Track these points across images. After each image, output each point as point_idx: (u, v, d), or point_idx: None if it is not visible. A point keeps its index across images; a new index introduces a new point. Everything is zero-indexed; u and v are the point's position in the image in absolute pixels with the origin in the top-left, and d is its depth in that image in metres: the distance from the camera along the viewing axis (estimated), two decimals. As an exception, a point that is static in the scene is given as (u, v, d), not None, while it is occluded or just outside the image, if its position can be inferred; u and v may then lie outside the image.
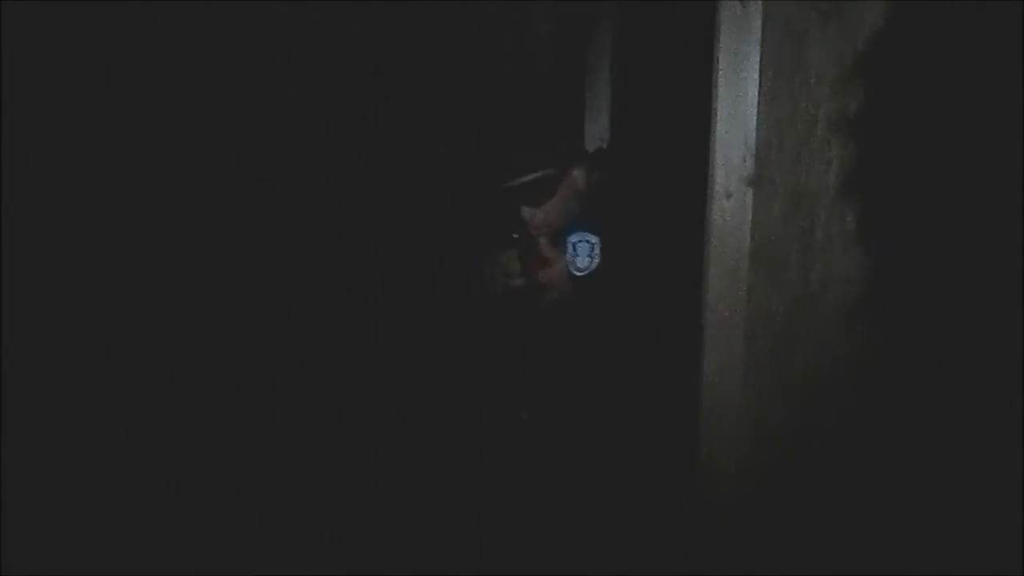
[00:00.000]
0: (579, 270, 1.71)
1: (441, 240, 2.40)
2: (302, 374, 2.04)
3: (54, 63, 1.74)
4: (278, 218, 1.98)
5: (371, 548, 2.01)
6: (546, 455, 2.07)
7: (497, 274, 1.80)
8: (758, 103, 1.17)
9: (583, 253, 1.70)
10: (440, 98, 2.20)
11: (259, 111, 1.94)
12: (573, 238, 1.70)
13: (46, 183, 1.76)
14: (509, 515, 2.18)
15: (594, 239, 1.69)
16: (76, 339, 1.79)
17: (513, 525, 2.17)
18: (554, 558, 2.06)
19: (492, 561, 2.18)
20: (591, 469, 1.90)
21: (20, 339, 1.72)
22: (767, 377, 1.26)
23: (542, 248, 1.75)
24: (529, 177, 1.69)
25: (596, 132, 2.02)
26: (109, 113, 1.80)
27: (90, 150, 1.79)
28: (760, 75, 1.15)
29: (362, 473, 2.05)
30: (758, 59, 1.14)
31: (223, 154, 1.91)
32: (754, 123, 1.18)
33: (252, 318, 1.96)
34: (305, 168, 2.03)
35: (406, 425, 2.23)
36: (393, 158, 2.20)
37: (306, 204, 2.04)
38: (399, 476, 2.16)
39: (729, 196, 1.23)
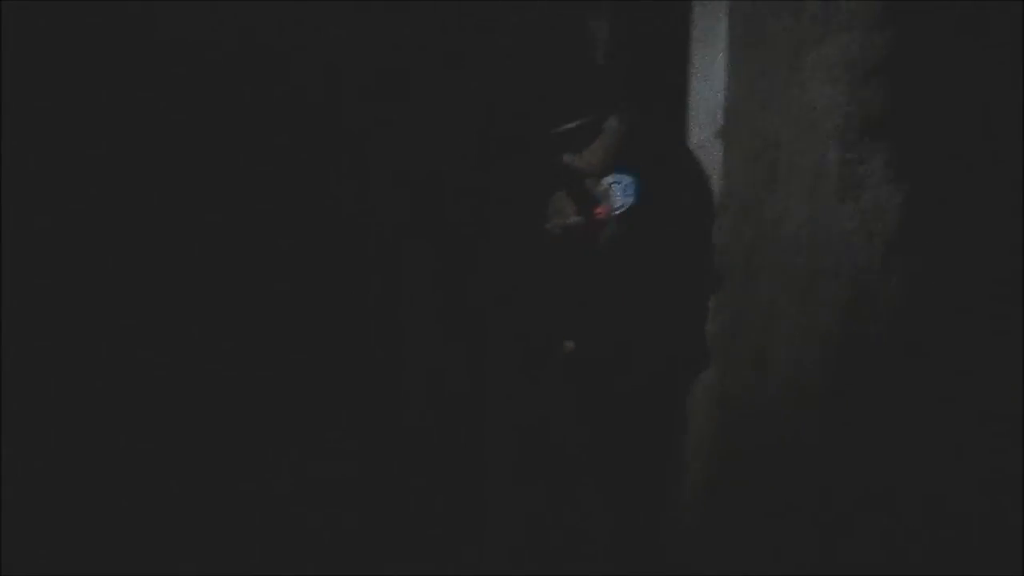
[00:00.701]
0: (616, 210, 1.82)
1: (441, 240, 2.40)
2: (302, 374, 2.04)
3: (54, 63, 1.74)
4: (278, 218, 1.98)
5: (371, 548, 2.01)
6: (546, 453, 2.07)
7: (552, 215, 1.89)
8: (727, 65, 1.30)
9: (619, 193, 1.81)
10: (441, 96, 2.23)
11: (259, 111, 1.94)
12: (608, 179, 1.80)
13: (46, 183, 1.76)
14: (509, 515, 2.18)
15: (628, 179, 1.79)
16: (76, 339, 1.79)
17: (513, 525, 2.17)
18: (554, 558, 2.06)
19: (492, 561, 2.18)
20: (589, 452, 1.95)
21: (20, 339, 1.72)
22: (736, 300, 1.34)
23: (590, 188, 1.83)
24: (570, 125, 1.78)
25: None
26: (109, 113, 1.80)
27: (90, 150, 1.79)
28: (729, 39, 1.29)
29: (362, 473, 2.05)
30: (725, 37, 1.29)
31: (223, 154, 1.91)
32: (722, 86, 1.31)
33: (252, 318, 1.96)
34: (305, 168, 2.03)
35: (406, 425, 2.23)
36: (393, 157, 2.22)
37: (306, 204, 2.04)
38: (399, 476, 2.16)
39: (702, 147, 1.37)
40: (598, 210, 1.83)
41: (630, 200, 1.80)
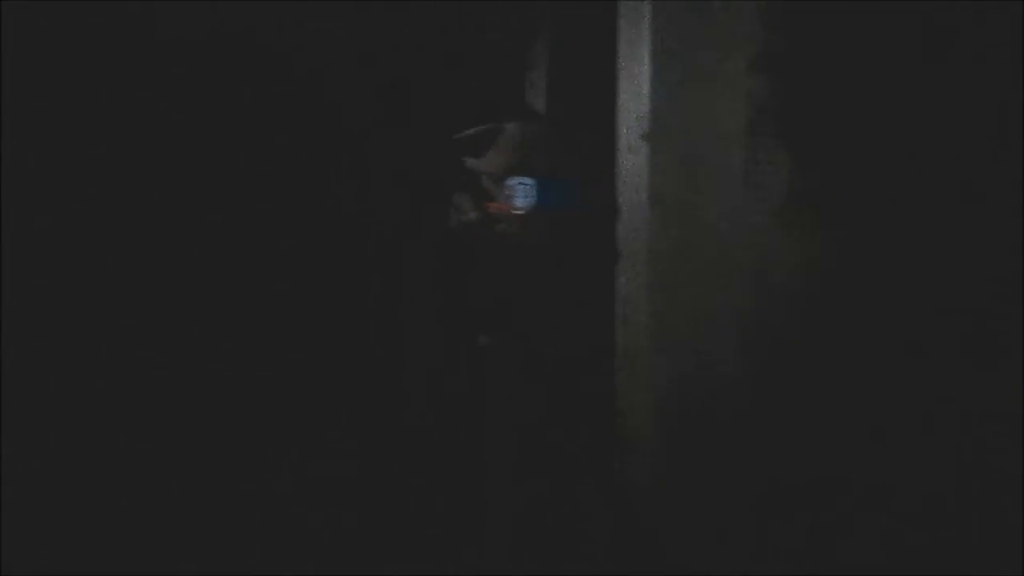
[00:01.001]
0: (518, 210, 1.94)
1: (440, 239, 2.40)
2: (301, 374, 2.04)
3: (54, 63, 1.74)
4: (278, 218, 1.98)
5: (371, 548, 2.01)
6: (546, 453, 2.07)
7: (452, 212, 2.01)
8: (650, 73, 1.43)
9: (520, 194, 1.94)
10: (440, 96, 2.27)
11: (258, 111, 1.94)
12: (511, 181, 1.92)
13: (46, 183, 1.76)
14: (509, 515, 2.18)
15: (529, 181, 1.91)
16: (76, 339, 1.79)
17: (513, 525, 2.17)
18: (554, 558, 2.06)
19: (492, 561, 2.18)
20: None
21: (20, 339, 1.72)
22: (667, 288, 1.45)
23: (488, 188, 1.96)
24: (470, 131, 1.90)
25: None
26: (109, 113, 1.80)
27: (90, 150, 1.79)
28: (651, 48, 1.42)
29: (362, 473, 2.05)
30: (648, 38, 1.41)
31: (223, 154, 1.91)
32: (648, 90, 1.44)
33: (252, 318, 1.96)
34: (304, 167, 2.03)
35: (406, 425, 2.23)
36: (393, 157, 2.24)
37: (306, 203, 2.04)
38: (399, 476, 2.16)
39: (631, 150, 1.47)
40: (492, 206, 1.94)
41: (530, 201, 1.92)
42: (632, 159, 1.47)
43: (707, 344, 1.44)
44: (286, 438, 1.98)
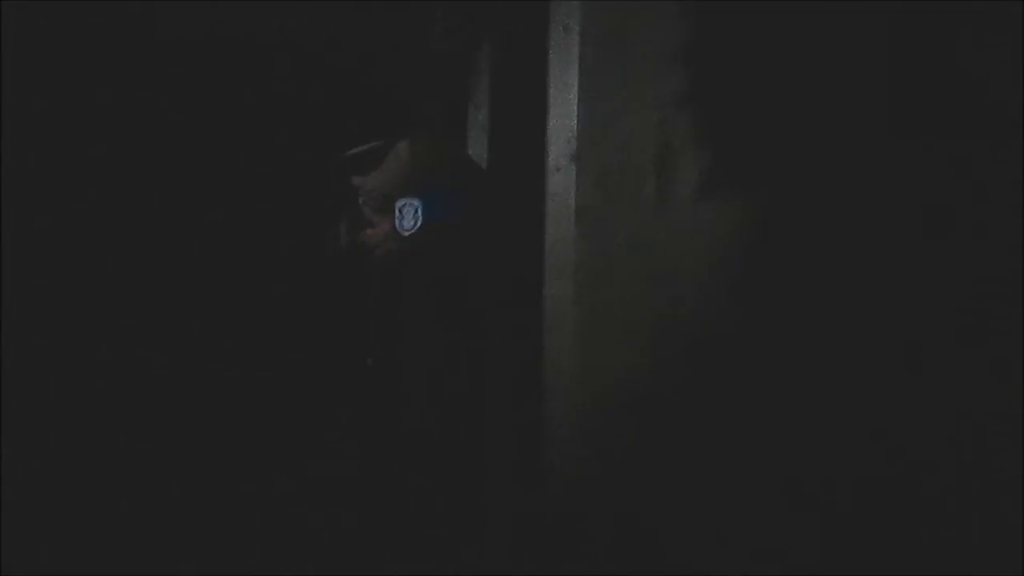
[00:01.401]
0: (406, 231, 1.94)
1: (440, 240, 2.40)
2: (301, 374, 2.04)
3: (54, 63, 1.75)
4: (278, 218, 1.99)
5: (371, 548, 2.01)
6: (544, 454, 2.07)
7: (327, 236, 2.02)
8: (577, 102, 1.54)
9: (408, 215, 1.97)
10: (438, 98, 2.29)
11: (259, 111, 1.94)
12: (399, 203, 1.93)
13: (46, 183, 1.76)
14: (509, 515, 2.18)
15: (416, 202, 1.91)
16: (76, 339, 1.79)
17: (513, 525, 2.17)
18: (555, 558, 2.06)
19: (492, 561, 2.18)
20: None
21: (20, 339, 1.73)
22: (590, 301, 1.54)
23: (366, 213, 1.96)
24: (358, 149, 1.90)
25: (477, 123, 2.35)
26: (109, 113, 1.80)
27: (90, 150, 1.79)
28: (579, 80, 1.52)
29: (361, 473, 2.05)
30: (577, 71, 1.52)
31: (222, 154, 1.91)
32: (575, 115, 1.55)
33: (252, 317, 1.96)
34: (305, 168, 2.03)
35: (406, 425, 2.23)
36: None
37: (306, 203, 2.04)
38: (399, 476, 2.16)
39: (558, 169, 1.59)
40: (368, 233, 1.95)
41: (417, 222, 1.92)
42: (559, 178, 1.59)
43: (630, 349, 1.53)
44: (286, 438, 1.98)
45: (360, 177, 1.94)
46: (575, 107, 1.56)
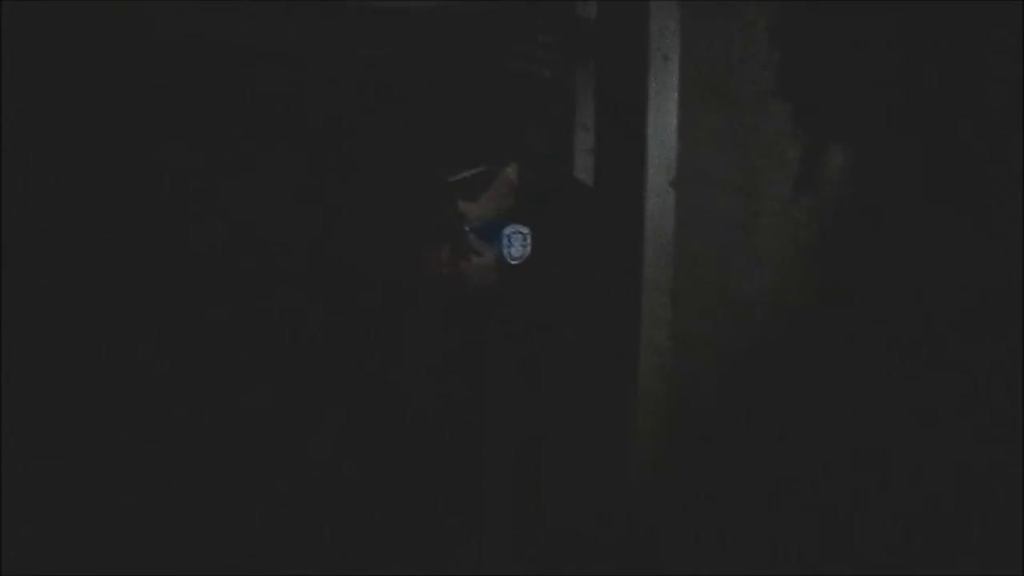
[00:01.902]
0: (514, 259, 1.92)
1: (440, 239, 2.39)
2: (301, 373, 2.04)
3: (54, 63, 1.75)
4: (278, 218, 1.98)
5: (371, 548, 2.01)
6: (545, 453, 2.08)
7: (428, 262, 1.98)
8: (677, 128, 1.66)
9: (516, 243, 1.93)
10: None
11: (260, 112, 1.94)
12: (508, 230, 1.91)
13: (46, 183, 1.76)
14: (509, 515, 2.18)
15: (525, 230, 1.89)
16: (76, 339, 1.79)
17: (513, 525, 2.17)
18: (555, 558, 2.06)
19: (492, 561, 2.18)
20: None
21: (20, 339, 1.72)
22: (691, 324, 1.68)
23: (471, 241, 1.92)
24: (466, 173, 1.85)
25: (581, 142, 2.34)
26: (109, 113, 1.80)
27: (90, 150, 1.79)
28: (679, 109, 1.65)
29: (361, 472, 2.05)
30: (677, 98, 1.65)
31: (224, 155, 1.91)
32: (675, 142, 1.66)
33: (252, 317, 1.96)
34: (307, 168, 2.03)
35: (406, 424, 2.23)
36: (395, 157, 2.24)
37: (308, 203, 2.04)
38: (399, 475, 2.16)
39: (658, 194, 1.66)
40: (464, 264, 1.93)
41: (527, 251, 1.89)
42: (657, 202, 1.66)
43: (720, 382, 1.67)
44: (286, 438, 1.98)
45: (467, 203, 1.89)
46: (675, 135, 1.63)
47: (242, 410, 1.89)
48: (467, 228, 1.92)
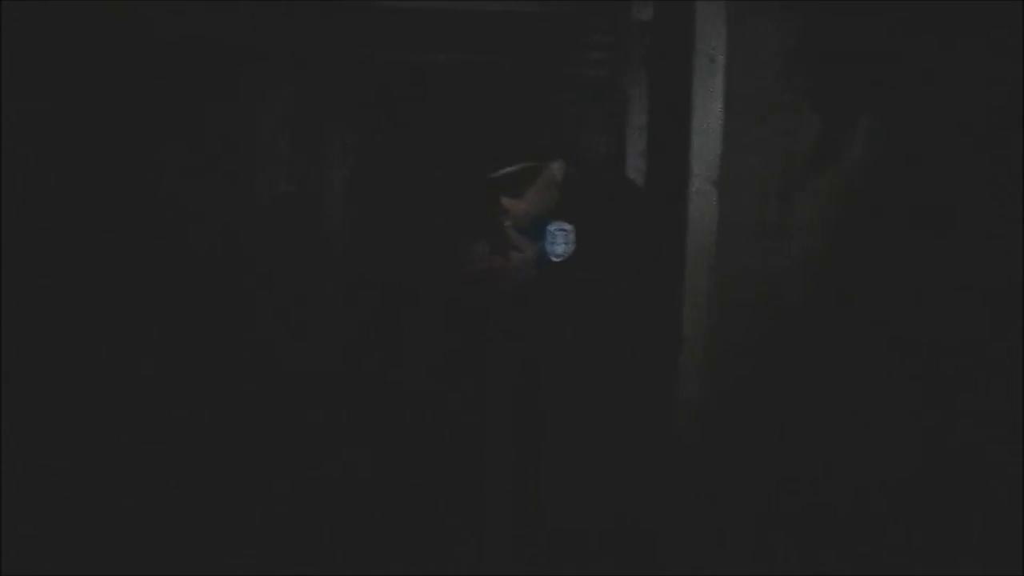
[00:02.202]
0: (557, 256, 1.90)
1: (442, 238, 2.40)
2: (302, 373, 2.04)
3: (54, 63, 1.75)
4: (279, 218, 1.98)
5: (371, 548, 2.01)
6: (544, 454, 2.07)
7: (467, 257, 1.96)
8: (721, 130, 1.67)
9: (560, 240, 1.91)
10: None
11: (261, 113, 1.94)
12: (552, 227, 1.90)
13: (46, 183, 1.76)
14: (509, 515, 2.18)
15: (569, 227, 1.88)
16: (76, 339, 1.79)
17: (513, 525, 2.17)
18: (554, 558, 2.06)
19: (492, 561, 2.18)
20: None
21: (20, 339, 1.72)
22: (730, 326, 1.70)
23: (512, 237, 1.91)
24: (511, 169, 1.84)
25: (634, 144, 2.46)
26: (109, 113, 1.80)
27: (90, 150, 1.79)
28: (724, 108, 1.67)
29: (362, 472, 2.05)
30: (722, 99, 1.67)
31: (224, 154, 1.91)
32: (719, 142, 1.67)
33: (253, 317, 1.96)
34: (307, 171, 2.03)
35: (406, 424, 2.23)
36: (394, 158, 2.24)
37: (309, 203, 2.04)
38: (399, 475, 2.16)
39: (700, 195, 1.68)
40: (503, 259, 1.91)
41: (570, 248, 1.88)
42: (700, 203, 1.68)
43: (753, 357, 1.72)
44: (286, 438, 1.98)
45: (510, 199, 1.88)
46: (719, 136, 1.66)
47: (242, 410, 1.89)
48: (508, 224, 1.92)
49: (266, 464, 1.93)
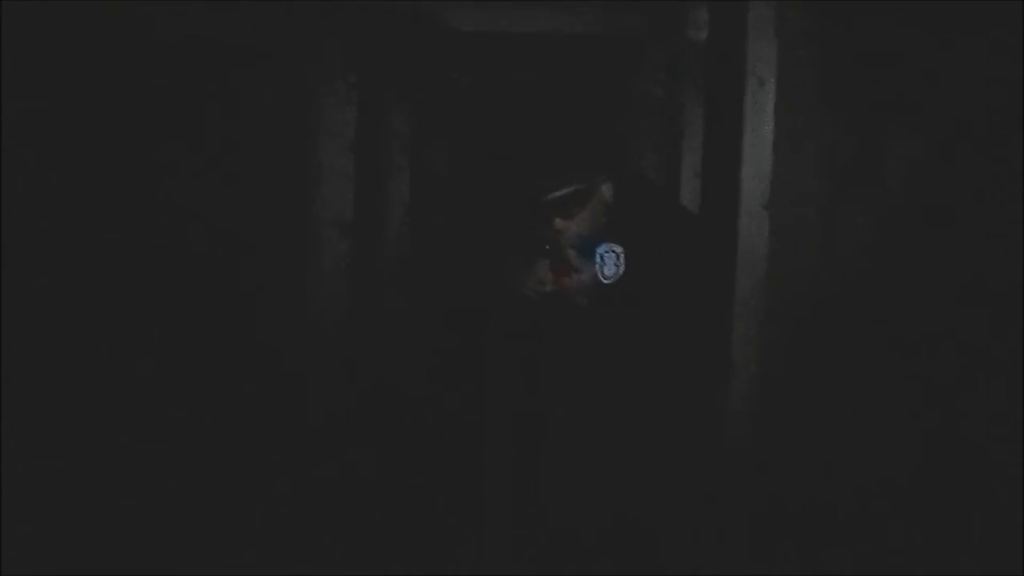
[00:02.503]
0: (607, 278, 1.90)
1: (446, 241, 2.40)
2: (302, 373, 2.04)
3: (54, 63, 1.75)
4: (279, 218, 1.98)
5: (371, 548, 2.01)
6: (546, 454, 2.08)
7: (529, 281, 1.96)
8: (772, 154, 1.72)
9: (610, 262, 1.92)
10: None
11: (263, 113, 1.94)
12: (601, 248, 1.90)
13: (46, 183, 1.76)
14: (509, 515, 2.18)
15: (619, 249, 1.88)
16: (76, 339, 1.79)
17: (513, 525, 2.17)
18: (555, 558, 2.06)
19: (492, 561, 2.18)
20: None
21: (20, 339, 1.72)
22: (781, 346, 1.76)
23: (571, 258, 1.92)
24: (564, 191, 1.83)
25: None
26: (109, 113, 1.80)
27: (90, 150, 1.79)
28: (774, 131, 1.72)
29: (362, 472, 2.05)
30: (772, 123, 1.71)
31: (226, 156, 1.91)
32: (769, 166, 1.72)
33: (253, 316, 1.96)
34: (307, 173, 2.03)
35: (406, 424, 2.23)
36: (457, 178, 2.26)
37: (309, 204, 2.03)
38: (399, 475, 2.16)
39: (750, 216, 1.73)
40: (567, 280, 1.91)
41: (620, 270, 1.88)
42: (750, 223, 1.73)
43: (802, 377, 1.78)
44: (286, 437, 1.97)
45: (563, 221, 1.88)
46: (770, 158, 1.71)
47: (242, 410, 1.89)
48: (566, 246, 1.92)
49: (266, 464, 1.93)
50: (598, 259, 1.88)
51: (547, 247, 1.94)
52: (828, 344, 1.73)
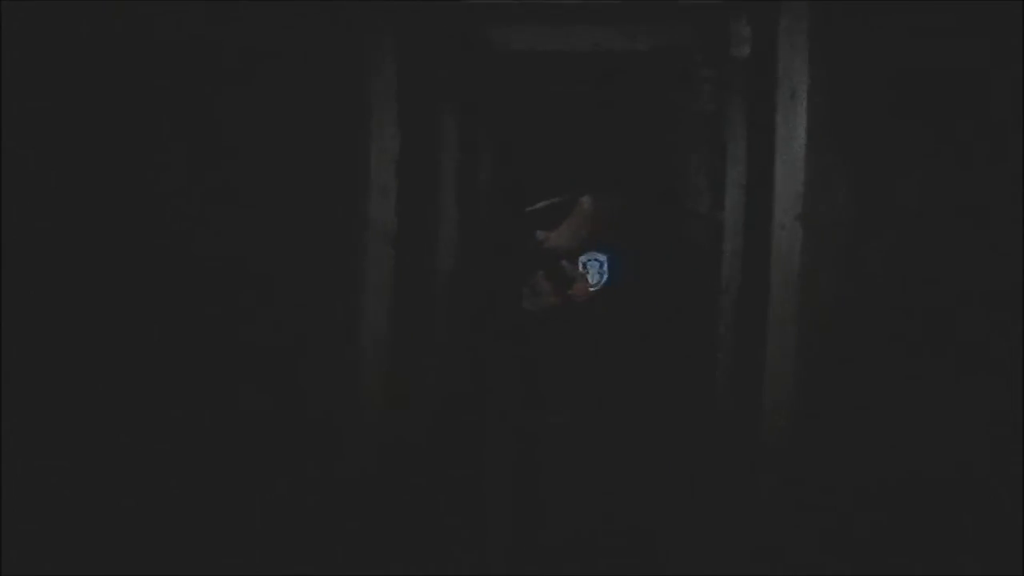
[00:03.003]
0: (592, 286, 1.94)
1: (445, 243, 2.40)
2: (303, 373, 2.04)
3: (54, 63, 1.75)
4: (280, 218, 1.98)
5: (371, 548, 2.01)
6: (547, 456, 2.08)
7: (530, 293, 2.01)
8: (804, 168, 1.74)
9: (593, 271, 1.95)
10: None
11: (264, 114, 1.94)
12: (584, 258, 1.95)
13: (46, 183, 1.76)
14: (509, 515, 2.19)
15: (602, 258, 1.93)
16: (76, 339, 1.79)
17: (513, 525, 2.18)
18: (554, 558, 2.07)
19: (492, 561, 2.18)
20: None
21: (20, 339, 1.72)
22: (814, 355, 1.78)
23: (565, 268, 1.97)
24: (543, 203, 1.90)
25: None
26: (109, 113, 1.80)
27: (90, 150, 1.79)
28: (806, 147, 1.73)
29: (362, 472, 2.05)
30: (804, 139, 1.73)
31: (227, 156, 1.91)
32: (802, 180, 1.75)
33: (254, 318, 1.96)
34: (310, 173, 2.03)
35: (411, 425, 2.23)
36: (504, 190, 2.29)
37: (310, 207, 2.04)
38: (399, 476, 2.16)
39: (784, 228, 1.75)
40: (580, 286, 1.95)
41: (604, 279, 1.93)
42: (783, 236, 1.75)
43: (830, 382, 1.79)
44: (286, 437, 1.98)
45: (543, 232, 1.92)
46: (802, 170, 1.73)
47: (242, 410, 1.90)
48: (566, 260, 1.98)
49: (266, 464, 1.93)
50: (581, 268, 1.94)
51: (537, 258, 1.99)
52: (856, 348, 1.76)
